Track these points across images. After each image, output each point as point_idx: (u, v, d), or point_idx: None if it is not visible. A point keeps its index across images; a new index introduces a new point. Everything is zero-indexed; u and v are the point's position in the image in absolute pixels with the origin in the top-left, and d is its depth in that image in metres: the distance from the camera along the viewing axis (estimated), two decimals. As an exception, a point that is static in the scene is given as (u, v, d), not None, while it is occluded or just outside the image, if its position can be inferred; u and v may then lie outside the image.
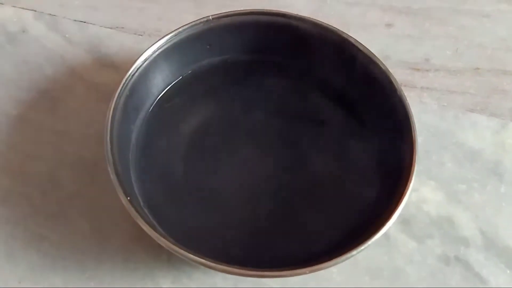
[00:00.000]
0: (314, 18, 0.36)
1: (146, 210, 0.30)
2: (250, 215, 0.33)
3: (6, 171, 0.36)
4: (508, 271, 0.33)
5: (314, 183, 0.34)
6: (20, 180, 0.36)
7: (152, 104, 0.36)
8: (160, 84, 0.36)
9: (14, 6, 0.44)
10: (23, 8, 0.44)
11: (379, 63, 0.34)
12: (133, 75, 0.33)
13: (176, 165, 0.34)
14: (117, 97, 0.31)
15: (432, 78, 0.41)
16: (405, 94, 0.39)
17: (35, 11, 0.44)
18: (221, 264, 0.26)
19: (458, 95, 0.41)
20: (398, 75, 0.41)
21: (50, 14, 0.44)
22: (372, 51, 0.35)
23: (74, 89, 0.40)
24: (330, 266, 0.27)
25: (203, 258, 0.26)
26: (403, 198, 0.29)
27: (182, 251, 0.26)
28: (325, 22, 0.36)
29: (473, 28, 0.44)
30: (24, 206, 0.35)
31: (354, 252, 0.27)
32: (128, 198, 0.28)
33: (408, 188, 0.29)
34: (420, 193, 0.36)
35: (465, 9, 0.46)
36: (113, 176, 0.29)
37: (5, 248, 0.33)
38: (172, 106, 0.36)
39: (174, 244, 0.27)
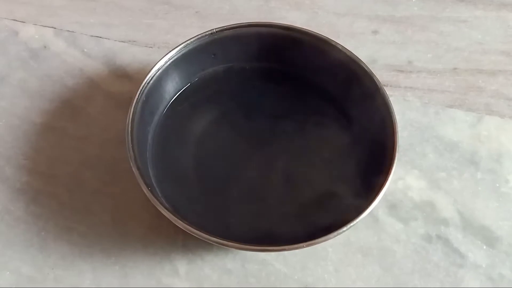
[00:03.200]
0: (307, 28, 0.40)
1: (163, 200, 0.34)
2: (253, 202, 0.37)
3: (35, 173, 0.40)
4: (484, 247, 0.37)
5: (309, 174, 0.38)
6: (49, 180, 0.40)
7: (165, 108, 0.40)
8: (171, 90, 0.40)
9: (35, 25, 0.49)
10: (44, 26, 0.48)
11: (364, 66, 0.38)
12: (148, 83, 0.37)
13: (186, 161, 0.38)
14: (135, 103, 0.36)
15: (414, 79, 0.46)
16: (391, 93, 0.43)
17: (55, 28, 0.48)
18: (229, 241, 0.30)
19: (438, 93, 0.45)
20: (384, 76, 0.45)
21: (69, 31, 0.48)
22: (359, 56, 0.39)
23: (93, 98, 0.44)
24: (323, 241, 0.31)
25: (214, 237, 0.31)
26: (386, 183, 0.33)
27: (197, 231, 0.31)
28: (317, 31, 0.40)
29: (451, 33, 0.49)
30: (53, 203, 0.39)
31: (344, 228, 0.31)
32: (149, 188, 0.32)
33: (390, 174, 0.33)
34: (405, 181, 0.40)
35: (444, 16, 0.50)
36: (135, 170, 0.33)
37: (38, 240, 0.37)
38: (182, 110, 0.40)
39: (189, 225, 0.31)
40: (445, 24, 0.49)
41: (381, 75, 0.45)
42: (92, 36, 0.48)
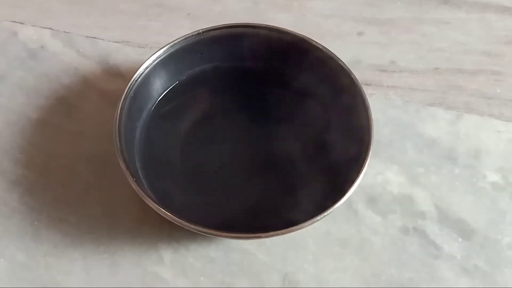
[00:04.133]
0: (294, 30, 0.42)
1: (149, 191, 0.36)
2: (235, 194, 0.39)
3: (30, 166, 0.42)
4: (459, 239, 0.39)
5: (292, 168, 0.40)
6: (43, 174, 0.41)
7: (153, 105, 0.42)
8: (159, 88, 0.42)
9: (33, 26, 0.51)
10: (41, 27, 0.50)
11: (344, 66, 0.39)
12: (136, 80, 0.39)
13: (173, 156, 0.40)
14: (123, 99, 0.38)
15: (397, 78, 0.47)
16: (373, 92, 0.45)
17: (52, 29, 0.50)
18: (208, 229, 0.32)
19: (419, 92, 0.46)
20: (368, 76, 0.47)
21: (65, 32, 0.50)
22: (345, 56, 0.40)
23: (87, 96, 0.46)
24: (298, 229, 0.32)
25: (193, 224, 0.32)
26: (360, 174, 0.34)
27: (177, 219, 0.32)
28: (304, 33, 0.42)
29: (434, 34, 0.50)
30: (47, 195, 0.40)
31: (318, 217, 0.33)
32: (135, 179, 0.34)
33: (364, 167, 0.35)
34: (385, 176, 0.41)
35: (427, 18, 0.51)
36: (121, 162, 0.35)
37: (32, 229, 0.39)
38: (170, 107, 0.42)
39: (172, 214, 0.33)
40: (428, 26, 0.51)
41: (364, 75, 0.46)
42: (87, 37, 0.50)
